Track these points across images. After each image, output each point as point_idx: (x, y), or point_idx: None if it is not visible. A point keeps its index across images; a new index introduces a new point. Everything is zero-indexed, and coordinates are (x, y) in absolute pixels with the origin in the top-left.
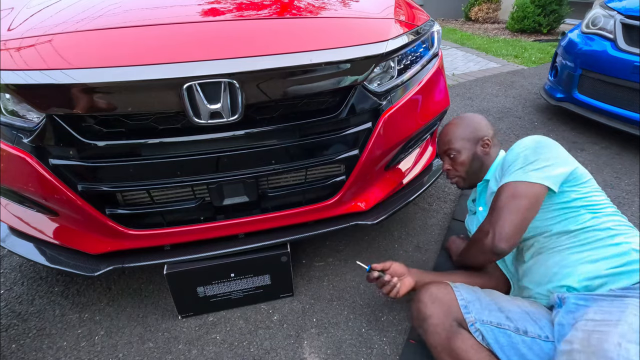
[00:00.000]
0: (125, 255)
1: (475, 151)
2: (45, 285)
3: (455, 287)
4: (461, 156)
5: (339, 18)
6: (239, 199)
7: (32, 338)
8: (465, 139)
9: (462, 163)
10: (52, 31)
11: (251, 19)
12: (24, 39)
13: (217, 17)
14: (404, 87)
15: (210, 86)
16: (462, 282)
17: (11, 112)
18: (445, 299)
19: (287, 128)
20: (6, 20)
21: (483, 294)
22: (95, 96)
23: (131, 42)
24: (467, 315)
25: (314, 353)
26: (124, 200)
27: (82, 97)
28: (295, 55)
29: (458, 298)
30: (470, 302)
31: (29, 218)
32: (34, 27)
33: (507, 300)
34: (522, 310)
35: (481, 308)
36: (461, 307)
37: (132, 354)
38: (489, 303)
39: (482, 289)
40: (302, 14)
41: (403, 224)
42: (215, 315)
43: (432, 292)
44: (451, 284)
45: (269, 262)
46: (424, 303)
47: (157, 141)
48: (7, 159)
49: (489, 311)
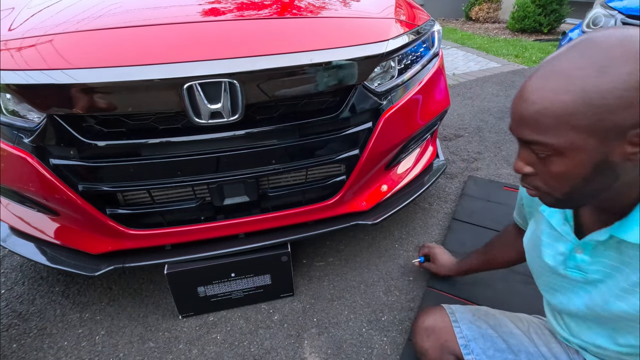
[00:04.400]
0: (126, 255)
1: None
2: (46, 285)
3: (455, 322)
4: (566, 160)
5: (339, 18)
6: (239, 199)
7: (33, 338)
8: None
9: (562, 174)
10: (53, 31)
11: (251, 18)
12: (25, 39)
13: (218, 17)
14: (405, 87)
15: (210, 86)
16: (481, 263)
17: (12, 112)
18: (442, 333)
19: (288, 128)
20: (7, 20)
21: (489, 328)
22: (96, 96)
23: (132, 42)
24: (467, 357)
25: (314, 353)
26: (125, 200)
27: (82, 97)
28: (295, 55)
29: (458, 336)
30: (472, 341)
31: (29, 218)
32: (35, 27)
33: (522, 333)
34: (538, 351)
35: (485, 347)
36: (461, 346)
37: (132, 354)
38: (495, 341)
39: (491, 316)
40: (302, 13)
41: (403, 223)
42: (216, 315)
43: (427, 325)
44: (450, 316)
45: (269, 261)
46: (420, 336)
47: (158, 141)
48: (8, 159)
49: (494, 350)
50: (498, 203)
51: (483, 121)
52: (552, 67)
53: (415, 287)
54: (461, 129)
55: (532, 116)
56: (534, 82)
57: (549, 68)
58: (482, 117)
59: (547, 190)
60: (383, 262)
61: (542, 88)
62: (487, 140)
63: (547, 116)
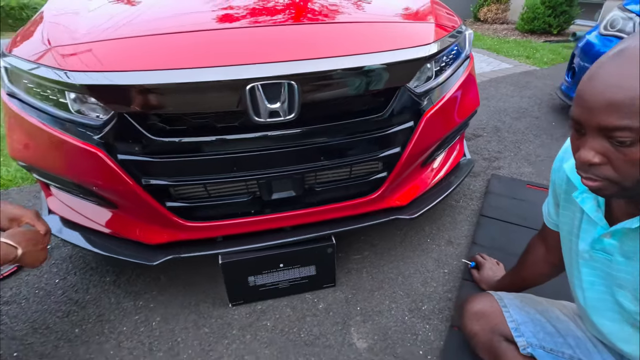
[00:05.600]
0: (181, 246)
1: None
2: (97, 275)
3: (504, 307)
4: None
5: (386, 22)
6: (286, 194)
7: (93, 323)
8: None
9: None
10: (119, 35)
11: (306, 23)
12: (94, 43)
13: (273, 22)
14: (442, 87)
15: (271, 87)
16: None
17: (77, 111)
18: (492, 316)
19: (336, 127)
20: (73, 24)
21: (537, 313)
22: (167, 96)
23: (197, 46)
24: (518, 339)
25: (362, 338)
26: (183, 194)
27: (155, 96)
28: (349, 58)
29: (508, 320)
30: (522, 324)
31: (88, 212)
32: (101, 31)
33: (568, 319)
34: (584, 336)
35: (535, 330)
36: (511, 329)
37: (190, 338)
38: (544, 325)
39: (537, 302)
40: (353, 19)
41: (433, 220)
42: (264, 304)
43: (477, 309)
44: (498, 300)
45: (315, 253)
46: (470, 320)
47: (216, 138)
48: (78, 155)
49: (544, 334)
50: (523, 200)
51: (500, 121)
52: (633, 54)
53: (451, 279)
54: (479, 129)
55: (624, 101)
56: (618, 68)
57: (629, 54)
58: (499, 118)
59: (618, 179)
60: (417, 255)
61: (631, 74)
62: (505, 139)
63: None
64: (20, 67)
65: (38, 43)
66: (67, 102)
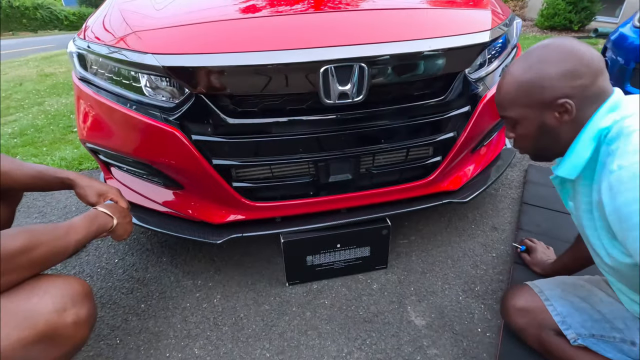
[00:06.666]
0: (244, 226)
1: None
2: (154, 256)
3: (547, 301)
4: (521, 126)
5: (448, 9)
6: (343, 177)
7: (157, 300)
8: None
9: (523, 136)
10: (199, 20)
11: (372, 9)
12: (176, 27)
13: (341, 8)
14: (494, 74)
15: (343, 69)
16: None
17: (157, 91)
18: (537, 312)
19: (399, 110)
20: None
21: (581, 301)
22: (246, 77)
23: (274, 29)
24: (567, 332)
25: (419, 316)
26: (249, 174)
27: (234, 78)
28: (416, 42)
29: (552, 314)
30: (568, 316)
31: (150, 193)
32: (181, 15)
33: (612, 300)
34: (631, 315)
35: (581, 320)
36: (558, 323)
37: (251, 314)
38: (590, 312)
39: (579, 287)
40: (416, 5)
41: (475, 207)
42: (319, 284)
43: (520, 306)
44: (540, 295)
45: (371, 234)
46: (515, 316)
47: (287, 119)
48: (156, 135)
49: (592, 322)
50: None
51: None
52: (508, 69)
53: (500, 262)
54: None
55: (497, 101)
56: (504, 76)
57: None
58: None
59: (525, 147)
60: (464, 240)
61: (501, 84)
62: None
63: (504, 100)
64: (99, 51)
65: (117, 28)
66: (141, 86)
